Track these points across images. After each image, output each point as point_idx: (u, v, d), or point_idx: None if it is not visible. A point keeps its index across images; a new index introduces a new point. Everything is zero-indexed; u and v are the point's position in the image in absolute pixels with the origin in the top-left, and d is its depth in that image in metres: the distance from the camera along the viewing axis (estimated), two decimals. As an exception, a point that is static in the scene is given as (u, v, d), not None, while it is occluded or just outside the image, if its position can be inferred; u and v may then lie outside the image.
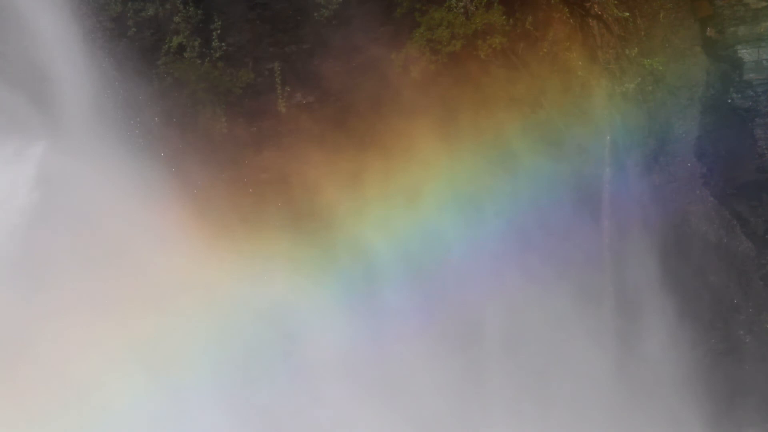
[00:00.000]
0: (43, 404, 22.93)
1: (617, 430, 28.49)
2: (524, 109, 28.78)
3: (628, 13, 28.90)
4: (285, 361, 26.89)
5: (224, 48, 29.42)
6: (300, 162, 28.71)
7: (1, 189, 23.54)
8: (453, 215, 28.67)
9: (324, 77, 29.15)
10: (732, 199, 29.12)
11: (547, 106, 28.86)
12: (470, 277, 28.50)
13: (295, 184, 28.85)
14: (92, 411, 23.22)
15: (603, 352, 29.22)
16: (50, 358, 23.20)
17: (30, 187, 23.60)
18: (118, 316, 23.92)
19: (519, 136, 28.65)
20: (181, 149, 28.50)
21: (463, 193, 28.77)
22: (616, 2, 28.79)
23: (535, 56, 28.72)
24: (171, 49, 29.36)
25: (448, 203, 28.73)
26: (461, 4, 28.56)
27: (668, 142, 29.28)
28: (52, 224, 23.53)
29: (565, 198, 29.00)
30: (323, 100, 29.43)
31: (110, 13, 29.24)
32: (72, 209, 23.82)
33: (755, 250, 29.18)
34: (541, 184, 28.80)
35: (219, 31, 29.45)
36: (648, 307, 29.46)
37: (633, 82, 28.97)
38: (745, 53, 28.23)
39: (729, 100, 28.54)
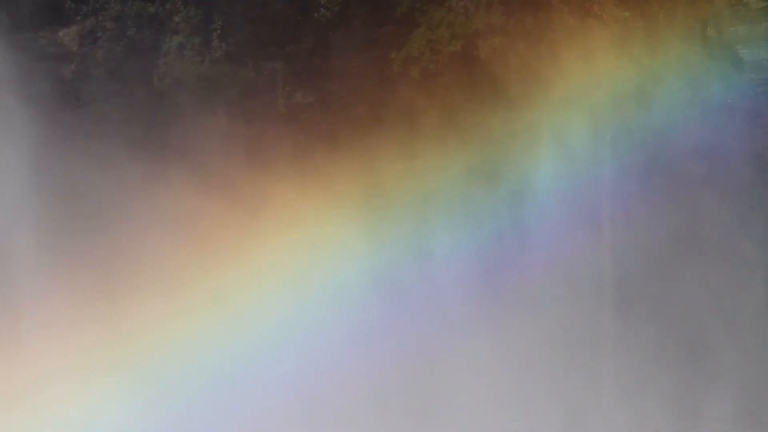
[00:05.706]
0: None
1: (616, 429, 28.54)
2: (525, 109, 28.79)
3: (628, 13, 28.92)
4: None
5: (224, 48, 29.43)
6: (299, 162, 28.72)
7: None
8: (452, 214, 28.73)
9: (324, 77, 29.17)
10: (732, 199, 29.12)
11: (548, 106, 28.86)
12: (466, 278, 28.51)
13: (293, 184, 28.86)
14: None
15: (602, 353, 29.23)
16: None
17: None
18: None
19: (519, 136, 28.66)
20: (180, 149, 28.55)
21: (461, 193, 28.78)
22: (616, 2, 28.82)
23: (535, 56, 28.73)
24: (171, 49, 29.38)
25: (446, 203, 28.75)
26: (461, 4, 28.60)
27: (668, 142, 29.27)
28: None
29: (565, 198, 28.99)
30: (323, 100, 29.45)
31: (110, 12, 29.30)
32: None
33: (755, 250, 29.19)
34: (541, 184, 28.80)
35: (219, 31, 29.46)
36: (648, 308, 29.45)
37: (633, 82, 28.98)
38: (745, 53, 28.29)
39: (729, 100, 28.58)
